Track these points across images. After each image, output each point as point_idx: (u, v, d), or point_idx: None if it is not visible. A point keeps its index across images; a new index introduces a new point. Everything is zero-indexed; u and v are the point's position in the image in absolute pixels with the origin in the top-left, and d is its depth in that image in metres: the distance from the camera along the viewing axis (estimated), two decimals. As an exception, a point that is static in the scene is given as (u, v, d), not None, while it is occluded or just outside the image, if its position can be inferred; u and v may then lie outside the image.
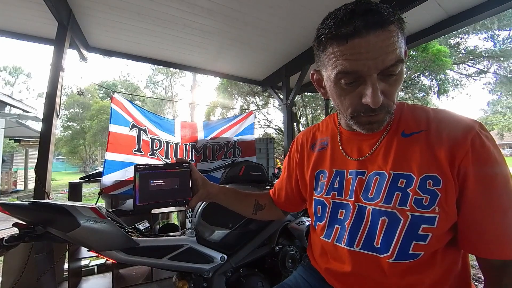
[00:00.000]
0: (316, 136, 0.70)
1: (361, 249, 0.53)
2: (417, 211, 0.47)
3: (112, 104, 2.09)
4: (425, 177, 0.47)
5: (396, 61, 0.44)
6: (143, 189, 0.60)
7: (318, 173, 0.65)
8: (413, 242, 0.47)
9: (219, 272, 1.16)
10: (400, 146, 0.51)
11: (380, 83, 0.45)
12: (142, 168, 0.62)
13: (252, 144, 2.97)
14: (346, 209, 0.57)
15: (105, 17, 2.02)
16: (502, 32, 7.50)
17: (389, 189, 0.50)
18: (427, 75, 6.25)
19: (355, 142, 0.59)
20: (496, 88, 8.83)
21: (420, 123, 0.51)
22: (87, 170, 14.47)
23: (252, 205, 0.79)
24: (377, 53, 0.42)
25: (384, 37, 0.42)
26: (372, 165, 0.54)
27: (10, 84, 26.50)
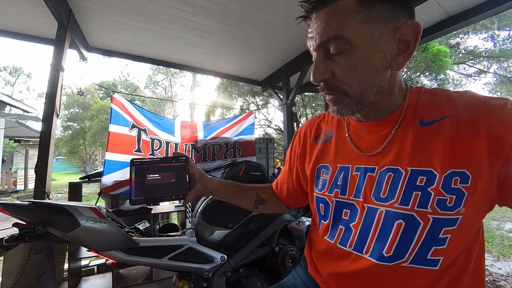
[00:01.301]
0: (321, 127, 0.64)
1: (370, 257, 0.47)
2: (440, 214, 0.41)
3: (112, 104, 2.09)
4: (450, 173, 0.40)
5: (329, 37, 0.42)
6: (139, 183, 0.60)
7: (319, 168, 0.60)
8: (432, 248, 0.42)
9: (219, 272, 1.16)
10: (418, 137, 0.45)
11: (329, 62, 0.45)
12: (138, 163, 0.61)
13: (252, 144, 2.97)
14: (352, 209, 0.51)
15: (105, 17, 2.02)
16: (502, 32, 7.50)
17: (406, 188, 0.44)
18: (427, 75, 6.25)
19: (364, 133, 0.53)
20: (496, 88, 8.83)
21: (442, 108, 0.44)
22: (87, 170, 14.47)
23: (253, 199, 0.74)
24: (316, 30, 0.44)
25: (326, 15, 0.43)
26: (384, 160, 0.47)
27: (10, 84, 26.50)
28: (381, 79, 0.45)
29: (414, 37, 0.43)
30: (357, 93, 0.45)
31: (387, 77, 0.45)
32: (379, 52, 0.43)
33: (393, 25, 0.43)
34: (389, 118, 0.49)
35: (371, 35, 0.42)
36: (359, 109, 0.47)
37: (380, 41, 0.42)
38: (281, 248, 1.31)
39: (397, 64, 0.44)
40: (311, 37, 0.46)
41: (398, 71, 0.47)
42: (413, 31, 0.43)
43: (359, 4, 0.41)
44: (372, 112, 0.50)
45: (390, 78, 0.46)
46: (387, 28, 0.42)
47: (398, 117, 0.48)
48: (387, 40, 0.43)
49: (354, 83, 0.44)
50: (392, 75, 0.46)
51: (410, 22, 0.42)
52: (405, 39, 0.43)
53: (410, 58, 0.45)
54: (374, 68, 0.44)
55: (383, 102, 0.48)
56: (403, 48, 0.44)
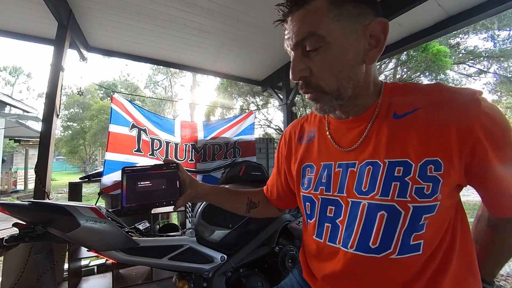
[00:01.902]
0: (304, 128, 0.66)
1: (356, 251, 0.48)
2: (418, 202, 0.43)
3: (112, 104, 2.09)
4: (425, 162, 0.43)
5: (304, 35, 0.45)
6: (130, 190, 0.60)
7: (304, 167, 0.61)
8: (413, 234, 0.45)
9: (219, 272, 1.16)
10: (392, 129, 0.47)
11: (306, 60, 0.47)
12: (129, 170, 0.62)
13: (252, 144, 2.97)
14: (336, 205, 0.53)
15: (105, 17, 2.02)
16: (502, 32, 7.51)
17: (385, 179, 0.46)
18: (427, 75, 6.25)
19: (343, 130, 0.55)
20: (496, 88, 8.83)
21: (414, 101, 0.47)
22: (87, 170, 14.47)
23: (245, 203, 0.75)
24: (292, 31, 0.47)
25: (300, 16, 0.46)
26: (363, 155, 0.50)
27: (10, 84, 26.51)
28: (356, 73, 0.47)
29: (383, 32, 0.46)
30: (334, 89, 0.47)
31: (362, 71, 0.48)
32: (352, 47, 0.45)
33: (362, 22, 0.45)
34: (365, 113, 0.52)
35: (343, 32, 0.45)
36: (339, 105, 0.50)
37: (352, 37, 0.45)
38: (281, 248, 1.31)
39: (370, 58, 0.47)
40: (288, 37, 0.49)
41: (373, 67, 0.50)
42: (382, 27, 0.46)
43: (330, 3, 0.44)
44: (351, 107, 0.52)
45: (365, 73, 0.48)
46: (358, 25, 0.45)
47: (373, 112, 0.50)
48: (358, 36, 0.45)
49: (330, 79, 0.47)
50: (367, 70, 0.49)
51: (379, 19, 0.46)
52: (376, 35, 0.46)
53: (381, 52, 0.47)
54: (348, 63, 0.46)
55: (361, 97, 0.51)
56: (374, 44, 0.46)
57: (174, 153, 2.50)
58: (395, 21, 1.99)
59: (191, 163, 2.58)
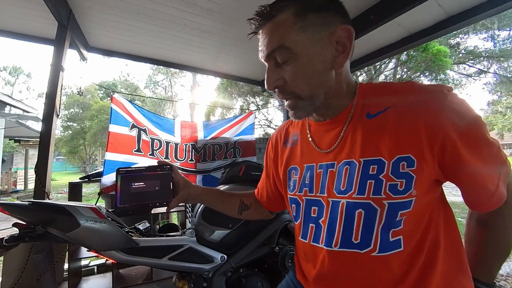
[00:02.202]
0: (289, 131, 0.68)
1: (340, 248, 0.49)
2: (393, 198, 0.44)
3: (112, 104, 2.09)
4: (397, 159, 0.44)
5: (273, 48, 0.48)
6: (124, 191, 0.62)
7: (290, 170, 0.63)
8: (391, 230, 0.46)
9: (219, 272, 1.17)
10: (366, 129, 0.49)
11: (279, 70, 0.50)
12: (124, 171, 0.63)
13: (252, 144, 2.97)
14: (319, 206, 0.54)
15: (105, 17, 2.02)
16: (502, 32, 7.51)
17: (361, 178, 0.47)
18: (427, 75, 6.26)
19: (323, 132, 0.57)
20: (496, 88, 8.84)
21: (385, 100, 0.49)
22: (87, 170, 14.47)
23: (237, 205, 0.77)
24: (263, 43, 0.50)
25: (269, 29, 0.49)
26: (341, 155, 0.51)
27: (10, 84, 26.52)
28: (326, 79, 0.49)
29: (348, 39, 0.48)
30: (308, 95, 0.49)
31: (332, 77, 0.50)
32: (319, 55, 0.47)
33: (328, 30, 0.47)
34: (340, 115, 0.53)
35: (310, 42, 0.47)
36: (313, 110, 0.53)
37: (318, 45, 0.47)
38: (281, 248, 1.31)
39: (338, 64, 0.48)
40: (261, 49, 0.52)
41: (344, 71, 0.52)
42: (347, 33, 0.47)
43: (295, 16, 0.46)
44: (326, 111, 0.54)
45: (336, 78, 0.50)
46: (323, 34, 0.47)
47: (348, 113, 0.52)
48: (324, 44, 0.47)
49: (303, 86, 0.49)
50: (338, 75, 0.50)
51: (343, 26, 0.47)
52: (342, 42, 0.48)
53: (348, 58, 0.49)
54: (317, 71, 0.48)
55: (334, 100, 0.52)
56: (341, 50, 0.48)
57: (174, 153, 2.50)
58: (395, 21, 1.99)
59: (191, 163, 2.58)
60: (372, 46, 2.42)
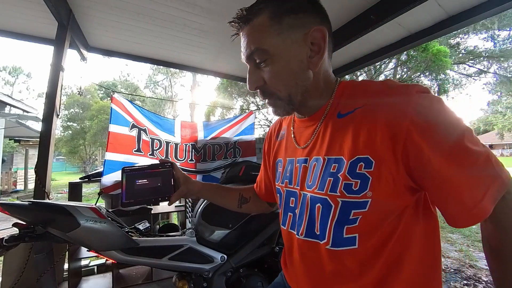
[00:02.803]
0: (282, 126, 0.71)
1: (305, 237, 0.53)
2: (347, 197, 0.45)
3: (112, 104, 2.09)
4: (356, 160, 0.44)
5: (252, 50, 0.50)
6: (129, 188, 0.67)
7: (277, 162, 0.67)
8: (345, 226, 0.46)
9: (219, 272, 1.17)
10: (335, 128, 0.50)
11: (259, 71, 0.52)
12: (128, 170, 0.68)
13: (252, 144, 2.97)
14: (295, 197, 0.57)
15: (105, 17, 2.02)
16: (502, 32, 7.52)
17: (323, 175, 0.49)
18: (427, 75, 6.26)
19: (302, 129, 0.59)
20: (496, 88, 8.85)
21: (357, 100, 0.48)
22: (87, 170, 14.47)
23: (236, 199, 0.80)
24: (243, 45, 0.52)
25: (247, 32, 0.51)
26: (312, 152, 0.54)
27: (10, 84, 26.52)
28: (303, 80, 0.50)
29: (322, 39, 0.49)
30: (285, 95, 0.51)
31: (309, 77, 0.51)
32: (295, 57, 0.49)
33: (303, 31, 0.48)
34: (317, 113, 0.55)
35: (285, 44, 0.48)
36: (292, 109, 0.54)
37: (293, 47, 0.48)
38: (281, 248, 1.31)
39: (313, 64, 0.49)
40: (242, 51, 0.54)
41: (322, 70, 0.52)
42: (321, 34, 0.48)
43: (270, 19, 0.48)
44: (305, 109, 0.56)
45: (314, 77, 0.51)
46: (298, 35, 0.48)
47: (324, 111, 0.54)
48: (299, 45, 0.48)
49: (280, 87, 0.51)
50: (315, 75, 0.51)
51: (316, 27, 0.48)
52: (316, 42, 0.49)
53: (324, 57, 0.50)
54: (293, 71, 0.49)
55: (312, 100, 0.54)
56: (316, 50, 0.49)
57: (174, 153, 2.50)
58: (395, 21, 1.99)
59: (191, 163, 2.58)
60: (372, 46, 2.42)
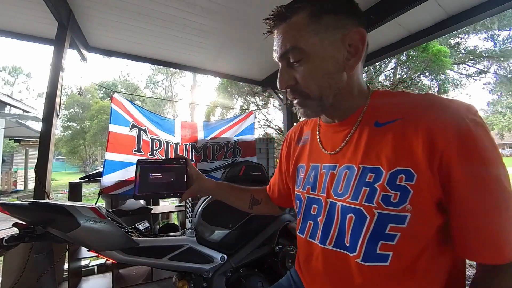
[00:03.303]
0: (303, 130, 0.70)
1: (333, 247, 0.50)
2: (384, 209, 0.43)
3: (112, 104, 2.09)
4: (396, 171, 0.43)
5: (287, 48, 0.49)
6: (142, 180, 0.67)
7: (298, 168, 0.65)
8: (380, 242, 0.44)
9: (219, 272, 1.16)
10: (371, 137, 0.48)
11: (291, 70, 0.51)
12: (143, 162, 0.68)
13: (252, 144, 2.97)
14: (319, 204, 0.55)
15: (105, 17, 2.02)
16: (502, 32, 7.51)
17: (357, 184, 0.47)
18: (427, 75, 6.25)
19: (330, 134, 0.57)
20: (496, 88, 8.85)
21: (396, 111, 0.47)
22: (87, 170, 14.47)
23: (248, 200, 0.80)
24: (277, 43, 0.51)
25: (283, 30, 0.50)
26: (343, 159, 0.52)
27: (9, 84, 26.51)
28: (336, 81, 0.49)
29: (361, 42, 0.48)
30: (317, 96, 0.50)
31: (343, 79, 0.50)
32: (331, 58, 0.48)
33: (342, 32, 0.47)
34: (349, 119, 0.54)
35: (322, 44, 0.47)
36: (322, 110, 0.53)
37: (331, 48, 0.48)
38: (281, 248, 1.31)
39: (349, 67, 0.49)
40: (275, 49, 0.52)
41: (355, 74, 0.51)
42: (360, 37, 0.48)
43: (309, 18, 0.47)
44: (335, 112, 0.55)
45: (347, 80, 0.50)
46: (336, 36, 0.47)
47: (357, 118, 0.52)
48: (337, 46, 0.48)
49: (313, 87, 0.50)
50: (349, 78, 0.51)
51: (356, 29, 0.47)
52: (354, 44, 0.48)
53: (360, 61, 0.49)
54: (328, 72, 0.48)
55: (344, 103, 0.53)
56: (353, 53, 0.48)
57: (174, 153, 2.50)
58: (395, 21, 1.99)
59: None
60: (372, 46, 2.42)
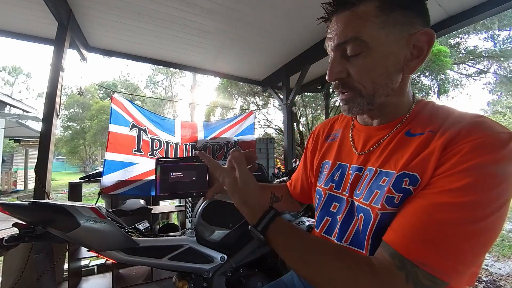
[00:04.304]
0: (334, 127, 0.69)
1: (349, 245, 0.51)
2: (387, 209, 0.44)
3: (112, 104, 2.09)
4: (402, 174, 0.43)
5: (347, 38, 0.45)
6: (163, 180, 0.65)
7: (323, 164, 0.64)
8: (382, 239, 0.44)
9: (219, 272, 1.16)
10: (398, 144, 0.48)
11: (345, 62, 0.48)
12: (163, 161, 0.67)
13: (253, 144, 2.97)
14: (340, 203, 0.55)
15: (105, 17, 2.02)
16: (502, 32, 7.51)
17: (371, 186, 0.48)
18: (427, 75, 6.25)
19: (364, 136, 0.56)
20: (496, 88, 8.84)
21: (432, 124, 0.45)
22: (87, 170, 14.47)
23: (268, 197, 0.78)
24: (335, 31, 0.47)
25: (345, 18, 0.45)
26: (369, 161, 0.52)
27: (9, 84, 26.50)
28: (392, 81, 0.47)
29: (428, 44, 0.45)
30: (370, 93, 0.48)
31: (398, 80, 0.47)
32: (393, 56, 0.45)
33: (408, 31, 0.44)
34: (387, 125, 0.52)
35: (387, 39, 0.44)
36: (369, 109, 0.50)
37: (395, 45, 0.44)
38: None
39: (410, 68, 0.46)
40: (330, 37, 0.48)
41: (409, 79, 0.50)
42: (427, 38, 0.44)
43: (379, 10, 0.43)
44: (379, 113, 0.53)
45: (401, 82, 0.48)
46: (403, 34, 0.44)
47: (395, 125, 0.51)
48: (401, 45, 0.45)
49: (368, 83, 0.47)
50: (404, 80, 0.48)
51: (425, 30, 0.44)
52: (419, 45, 0.45)
53: (422, 64, 0.46)
54: (387, 71, 0.46)
55: (391, 105, 0.51)
56: (416, 54, 0.45)
57: (174, 153, 2.50)
58: (395, 21, 2.00)
59: (191, 163, 2.59)
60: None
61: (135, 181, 2.11)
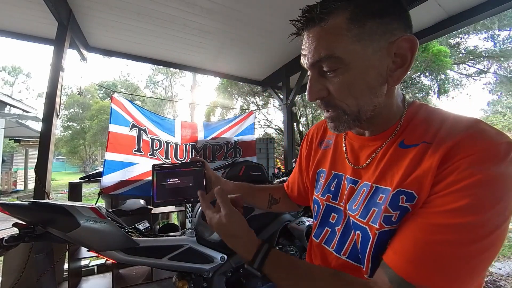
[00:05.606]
0: (326, 133, 0.66)
1: (347, 258, 0.50)
2: (385, 228, 0.42)
3: (112, 104, 2.09)
4: (398, 191, 0.41)
5: (322, 56, 0.42)
6: (160, 187, 0.64)
7: (319, 172, 0.63)
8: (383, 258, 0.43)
9: (219, 272, 1.16)
10: (392, 157, 0.45)
11: (324, 80, 0.45)
12: (159, 168, 0.65)
13: (253, 144, 2.97)
14: (339, 214, 0.54)
15: (105, 17, 2.02)
16: (502, 32, 7.51)
17: (367, 203, 0.46)
18: (427, 75, 6.25)
19: (357, 146, 0.55)
20: (496, 88, 8.84)
21: (426, 133, 0.43)
22: (87, 170, 14.47)
23: (266, 200, 0.79)
24: (308, 49, 0.44)
25: (316, 34, 0.42)
26: (365, 176, 0.50)
27: (9, 84, 26.51)
28: (377, 95, 0.44)
29: (410, 51, 0.42)
30: (354, 111, 0.45)
31: (383, 93, 0.44)
32: (374, 68, 0.42)
33: (388, 39, 0.41)
34: (380, 135, 0.50)
35: (364, 52, 0.41)
36: (356, 125, 0.48)
37: (374, 57, 0.41)
38: (281, 248, 1.31)
39: (394, 79, 0.43)
40: (304, 54, 0.46)
41: (397, 88, 0.47)
42: (409, 45, 0.41)
43: (350, 22, 0.40)
44: (369, 125, 0.50)
45: (387, 93, 0.45)
46: (381, 44, 0.41)
47: (388, 135, 0.48)
48: (381, 55, 0.41)
49: (350, 101, 0.44)
50: (389, 91, 0.45)
51: (406, 36, 0.41)
52: (401, 53, 0.42)
53: (407, 72, 0.43)
54: (369, 86, 0.43)
55: (381, 117, 0.48)
56: (400, 63, 0.42)
57: (174, 153, 2.50)
58: (395, 21, 2.00)
59: (191, 163, 2.59)
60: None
61: (135, 181, 2.11)
